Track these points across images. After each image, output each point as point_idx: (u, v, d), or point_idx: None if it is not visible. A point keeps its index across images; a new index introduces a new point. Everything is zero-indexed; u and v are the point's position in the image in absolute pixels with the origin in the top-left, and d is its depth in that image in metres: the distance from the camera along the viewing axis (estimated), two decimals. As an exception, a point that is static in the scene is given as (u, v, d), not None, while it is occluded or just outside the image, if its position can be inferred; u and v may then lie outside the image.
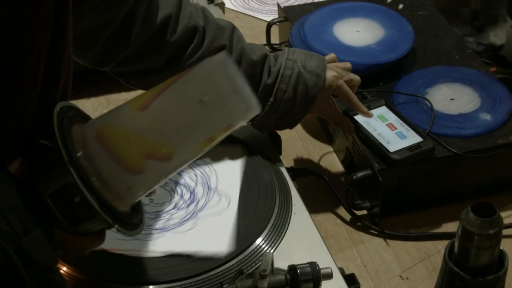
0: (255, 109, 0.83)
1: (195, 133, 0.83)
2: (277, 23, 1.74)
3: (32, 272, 0.79)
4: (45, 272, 0.81)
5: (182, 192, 1.22)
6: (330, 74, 1.28)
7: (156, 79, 1.18)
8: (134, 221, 0.90)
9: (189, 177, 1.24)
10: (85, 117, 0.90)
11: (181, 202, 1.20)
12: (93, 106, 1.65)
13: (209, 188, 1.22)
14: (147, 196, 1.18)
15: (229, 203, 1.19)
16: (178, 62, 1.23)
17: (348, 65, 1.35)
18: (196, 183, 1.23)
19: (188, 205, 1.19)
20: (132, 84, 1.29)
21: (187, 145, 0.83)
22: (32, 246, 0.79)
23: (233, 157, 1.28)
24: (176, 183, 1.24)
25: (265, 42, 1.77)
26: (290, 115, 1.28)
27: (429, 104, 1.38)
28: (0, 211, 0.78)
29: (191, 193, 1.21)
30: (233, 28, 1.27)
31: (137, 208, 0.93)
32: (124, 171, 0.82)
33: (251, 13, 1.98)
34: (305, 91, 1.25)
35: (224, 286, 1.03)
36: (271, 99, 1.26)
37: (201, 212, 1.18)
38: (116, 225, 0.85)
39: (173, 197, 1.21)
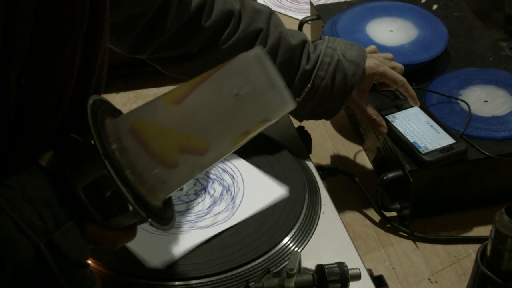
0: (290, 104, 0.82)
1: (231, 128, 0.82)
2: (309, 22, 1.73)
3: (63, 267, 0.78)
4: (76, 267, 0.80)
5: (209, 191, 1.21)
6: (370, 61, 1.26)
7: (193, 64, 1.19)
8: (167, 215, 0.90)
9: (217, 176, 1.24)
10: (117, 112, 0.89)
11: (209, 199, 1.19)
12: (122, 101, 1.64)
13: (232, 195, 1.21)
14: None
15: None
16: (214, 47, 1.22)
17: (390, 55, 1.33)
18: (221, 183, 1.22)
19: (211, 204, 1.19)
20: (169, 70, 1.28)
21: (222, 140, 0.83)
22: (64, 240, 0.79)
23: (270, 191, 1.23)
24: (207, 179, 1.23)
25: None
26: (327, 103, 1.26)
27: (462, 106, 1.36)
28: (32, 204, 0.77)
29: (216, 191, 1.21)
30: (271, 13, 1.26)
31: (169, 203, 0.92)
32: (158, 165, 0.82)
33: (283, 11, 1.97)
34: (344, 80, 1.24)
35: (251, 284, 1.02)
36: (309, 85, 1.25)
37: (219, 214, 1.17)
38: (150, 220, 0.84)
39: (200, 195, 1.20)
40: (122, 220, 0.85)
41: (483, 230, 1.29)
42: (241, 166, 1.24)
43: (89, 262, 0.84)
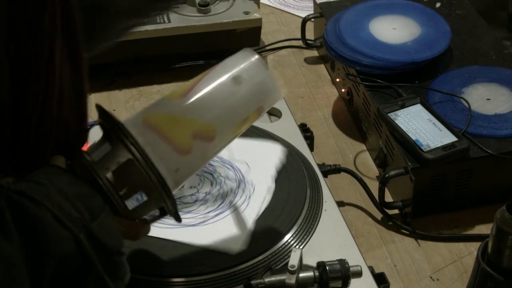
0: (280, 94, 0.96)
1: (233, 113, 0.91)
2: (312, 19, 1.73)
3: (102, 255, 0.81)
4: (115, 255, 0.83)
5: (210, 189, 1.21)
6: None
7: None
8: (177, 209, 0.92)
9: (222, 171, 1.24)
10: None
11: (208, 197, 1.19)
12: (125, 98, 1.64)
13: (239, 184, 1.21)
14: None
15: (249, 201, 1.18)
16: None
17: None
18: (226, 179, 1.22)
19: (215, 199, 1.19)
20: None
21: (227, 126, 0.91)
22: (101, 230, 0.81)
23: (271, 156, 1.26)
24: (208, 174, 1.23)
25: (299, 38, 1.77)
26: None
27: (464, 104, 1.36)
28: (67, 198, 0.80)
29: (220, 188, 1.21)
30: None
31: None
32: (174, 151, 0.87)
33: (286, 9, 1.96)
34: None
35: (252, 281, 1.02)
36: None
37: (224, 207, 1.17)
38: (172, 204, 0.88)
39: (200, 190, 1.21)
40: (144, 208, 0.89)
41: (485, 228, 1.29)
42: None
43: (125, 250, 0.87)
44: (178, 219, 0.92)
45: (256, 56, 0.94)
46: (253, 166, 1.24)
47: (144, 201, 0.89)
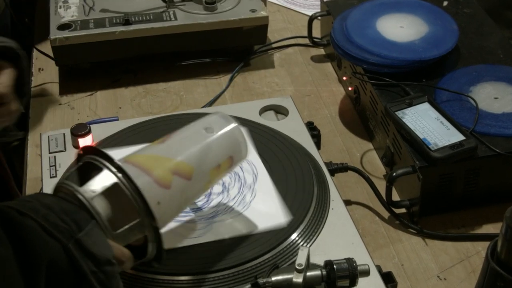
0: (247, 151, 1.05)
1: (206, 157, 0.99)
2: (319, 18, 1.72)
3: (93, 265, 0.82)
4: (106, 265, 0.84)
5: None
6: None
7: None
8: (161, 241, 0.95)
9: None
10: None
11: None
12: (131, 96, 1.64)
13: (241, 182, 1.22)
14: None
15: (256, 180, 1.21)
16: None
17: None
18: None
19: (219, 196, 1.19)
20: None
21: (202, 167, 0.98)
22: (89, 240, 0.83)
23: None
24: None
25: (306, 36, 1.76)
26: None
27: (472, 103, 1.35)
28: (53, 211, 0.83)
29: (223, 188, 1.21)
30: None
31: None
32: (155, 183, 0.92)
33: (292, 7, 1.96)
34: None
35: (259, 279, 1.01)
36: None
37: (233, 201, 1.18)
38: (157, 226, 0.90)
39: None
40: (129, 232, 0.90)
41: (493, 228, 1.28)
42: (260, 177, 1.23)
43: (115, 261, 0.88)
44: (158, 257, 0.94)
45: (224, 114, 1.06)
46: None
47: (130, 224, 0.90)
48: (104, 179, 0.90)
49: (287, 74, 1.70)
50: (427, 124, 1.29)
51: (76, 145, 1.31)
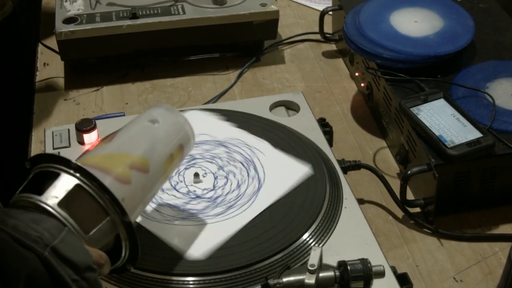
0: (194, 139, 1.05)
1: (157, 147, 0.98)
2: (331, 12, 1.69)
3: (73, 273, 0.78)
4: (87, 272, 0.80)
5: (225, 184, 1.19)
6: None
7: None
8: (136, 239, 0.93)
9: (233, 167, 1.21)
10: None
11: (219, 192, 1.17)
12: (138, 91, 1.61)
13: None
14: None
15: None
16: None
17: None
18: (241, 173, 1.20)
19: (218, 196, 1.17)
20: None
21: (156, 158, 0.97)
22: (66, 247, 0.79)
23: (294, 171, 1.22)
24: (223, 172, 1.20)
25: (317, 32, 1.73)
26: None
27: (489, 99, 1.31)
28: (23, 223, 0.78)
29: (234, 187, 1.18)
30: None
31: None
32: (116, 180, 0.90)
33: (303, 1, 1.93)
34: None
35: (270, 280, 0.98)
36: None
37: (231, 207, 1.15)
38: (128, 221, 0.88)
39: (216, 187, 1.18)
40: (100, 232, 0.87)
41: (510, 228, 1.25)
42: (264, 151, 1.22)
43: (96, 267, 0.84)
44: (133, 257, 0.91)
45: (166, 105, 1.08)
46: (272, 176, 1.20)
47: (101, 224, 0.87)
48: (64, 183, 0.86)
49: (298, 70, 1.67)
50: (443, 120, 1.26)
51: (81, 141, 1.28)
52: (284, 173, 1.18)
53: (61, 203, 0.84)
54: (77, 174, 0.86)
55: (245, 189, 1.16)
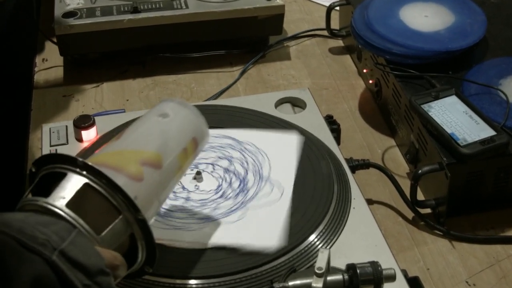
0: (208, 129, 1.00)
1: (170, 141, 0.94)
2: (338, 7, 1.66)
3: (84, 277, 0.74)
4: (99, 275, 0.75)
5: (231, 180, 1.14)
6: None
7: None
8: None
9: (239, 164, 1.16)
10: None
11: (229, 191, 1.12)
12: (139, 87, 1.57)
13: (260, 176, 1.14)
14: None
15: (282, 194, 1.11)
16: None
17: None
18: (247, 171, 1.15)
19: (237, 194, 1.11)
20: None
21: (169, 153, 0.93)
22: (75, 249, 0.74)
23: (288, 144, 1.20)
24: (226, 170, 1.15)
25: (324, 28, 1.70)
26: None
27: (502, 96, 1.27)
28: (30, 226, 0.74)
29: (240, 182, 1.13)
30: None
31: None
32: (127, 177, 0.85)
33: (310, -3, 1.89)
34: None
35: (275, 284, 0.94)
36: None
37: (251, 202, 1.10)
38: (143, 218, 0.84)
39: (221, 185, 1.13)
40: (113, 232, 0.82)
41: (525, 230, 1.21)
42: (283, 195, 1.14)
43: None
44: (151, 258, 0.86)
45: (177, 98, 1.06)
46: (273, 160, 1.17)
47: (113, 224, 0.82)
48: (71, 183, 0.82)
49: (304, 66, 1.63)
50: (455, 118, 1.22)
51: (79, 138, 1.25)
52: (281, 151, 1.16)
53: (70, 204, 0.80)
54: (84, 172, 0.82)
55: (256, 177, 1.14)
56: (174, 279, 0.98)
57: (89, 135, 1.24)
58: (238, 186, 1.12)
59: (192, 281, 0.97)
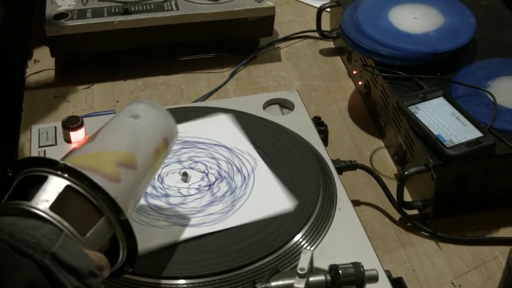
0: (177, 133, 1.02)
1: (141, 142, 0.95)
2: (328, 9, 1.67)
3: (75, 282, 0.75)
4: (89, 277, 0.76)
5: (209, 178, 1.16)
6: None
7: None
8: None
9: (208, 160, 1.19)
10: None
11: (215, 188, 1.14)
12: (129, 89, 1.57)
13: (231, 164, 1.17)
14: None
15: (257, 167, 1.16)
16: None
17: None
18: (219, 163, 1.18)
19: (226, 185, 1.14)
20: None
21: (142, 153, 0.94)
22: (65, 252, 0.75)
23: (225, 125, 1.25)
24: (218, 176, 1.16)
25: (315, 30, 1.70)
26: None
27: (490, 98, 1.27)
28: (20, 229, 0.75)
29: (219, 175, 1.16)
30: None
31: None
32: (105, 179, 0.86)
33: (301, -2, 1.89)
34: None
35: (257, 284, 0.94)
36: None
37: (239, 190, 1.12)
38: (126, 219, 0.85)
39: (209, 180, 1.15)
40: (97, 233, 0.83)
41: (511, 231, 1.20)
42: (258, 168, 1.17)
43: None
44: (131, 257, 0.87)
45: (147, 99, 1.07)
46: (226, 142, 1.22)
47: (96, 225, 0.83)
48: (53, 186, 0.82)
49: (294, 68, 1.63)
50: (442, 119, 1.22)
51: (67, 139, 1.25)
52: (267, 199, 1.13)
53: (53, 207, 0.80)
54: (66, 175, 0.82)
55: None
56: (157, 279, 0.98)
57: (78, 136, 1.25)
58: (217, 179, 1.15)
59: (175, 281, 0.97)
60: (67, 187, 0.82)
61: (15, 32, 1.80)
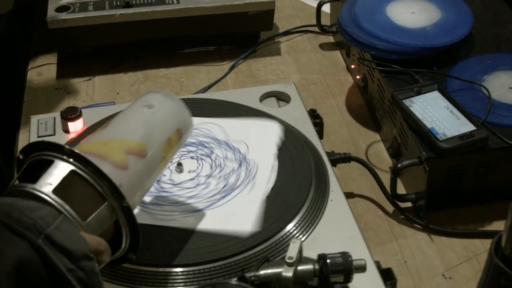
0: (192, 121, 1.02)
1: (154, 131, 0.95)
2: (328, 3, 1.66)
3: (69, 262, 0.75)
4: (83, 260, 0.77)
5: (212, 168, 1.16)
6: None
7: None
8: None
9: (220, 152, 1.19)
10: None
11: (211, 180, 1.14)
12: (130, 81, 1.58)
13: (240, 163, 1.16)
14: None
15: (255, 181, 1.13)
16: None
17: None
18: (225, 159, 1.18)
19: (218, 183, 1.13)
20: None
21: (153, 143, 0.94)
22: (60, 234, 0.76)
23: (269, 132, 1.22)
24: (206, 157, 1.17)
25: (315, 24, 1.71)
26: None
27: (484, 92, 1.28)
28: (17, 210, 0.75)
29: (221, 171, 1.15)
30: None
31: None
32: (112, 165, 0.87)
33: (302, -6, 1.90)
34: None
35: (246, 273, 0.94)
36: None
37: (228, 189, 1.12)
38: (127, 205, 0.85)
39: (200, 173, 1.15)
40: (98, 218, 0.84)
41: (503, 224, 1.20)
42: (256, 184, 1.14)
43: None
44: (134, 245, 0.88)
45: (162, 90, 1.03)
46: (252, 145, 1.19)
47: (98, 210, 0.84)
48: (58, 170, 0.83)
49: (294, 61, 1.64)
50: (436, 113, 1.22)
51: (66, 129, 1.26)
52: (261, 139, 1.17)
53: (56, 190, 0.81)
54: (71, 160, 0.84)
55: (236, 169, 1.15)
56: (145, 267, 0.99)
57: (76, 127, 1.26)
58: (218, 173, 1.15)
59: (163, 269, 0.98)
60: (72, 171, 0.83)
61: (18, 24, 1.82)
